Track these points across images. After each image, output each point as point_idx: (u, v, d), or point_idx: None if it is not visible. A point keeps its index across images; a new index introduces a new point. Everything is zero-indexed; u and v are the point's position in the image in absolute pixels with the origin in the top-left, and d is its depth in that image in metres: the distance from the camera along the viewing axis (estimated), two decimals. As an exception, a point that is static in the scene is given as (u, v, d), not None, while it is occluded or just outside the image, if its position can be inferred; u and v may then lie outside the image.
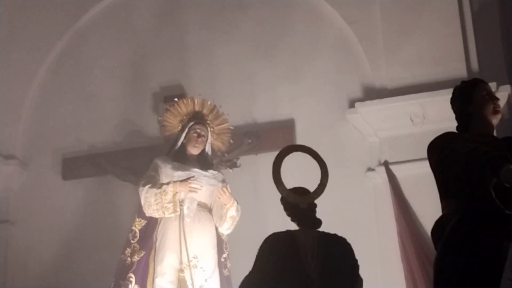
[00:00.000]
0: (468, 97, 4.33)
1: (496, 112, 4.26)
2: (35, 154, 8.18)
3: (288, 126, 7.54)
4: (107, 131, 8.04)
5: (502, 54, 7.30)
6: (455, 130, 4.35)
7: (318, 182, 4.82)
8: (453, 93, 4.50)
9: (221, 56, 7.96)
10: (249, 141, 7.47)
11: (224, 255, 6.70)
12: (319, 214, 5.26)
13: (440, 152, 4.04)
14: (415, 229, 6.62)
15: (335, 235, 4.63)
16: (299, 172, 5.70)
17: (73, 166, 7.93)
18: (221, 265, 6.63)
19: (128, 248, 6.63)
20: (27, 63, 8.35)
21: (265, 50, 7.85)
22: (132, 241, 6.64)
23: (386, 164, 7.00)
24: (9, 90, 8.29)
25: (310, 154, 4.93)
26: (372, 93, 7.26)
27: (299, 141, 7.46)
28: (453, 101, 4.49)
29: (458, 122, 4.40)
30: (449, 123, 6.59)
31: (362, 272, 6.78)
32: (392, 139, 7.06)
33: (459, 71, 7.01)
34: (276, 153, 7.30)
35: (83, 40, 8.47)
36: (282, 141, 7.42)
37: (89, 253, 7.63)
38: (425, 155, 4.40)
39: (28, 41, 8.42)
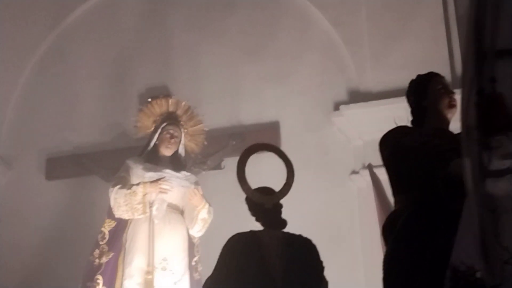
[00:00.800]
0: (423, 90, 4.29)
1: (451, 106, 4.19)
2: (19, 154, 8.16)
3: (273, 128, 7.54)
4: (92, 132, 8.02)
5: (487, 59, 7.33)
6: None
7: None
8: (409, 87, 4.46)
9: (207, 57, 7.96)
10: (234, 142, 7.47)
11: (195, 258, 6.61)
12: (302, 215, 5.29)
13: (391, 146, 4.02)
14: (398, 233, 6.63)
15: (300, 236, 4.59)
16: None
17: (57, 166, 7.92)
18: (192, 268, 6.55)
19: (96, 249, 6.56)
20: (12, 63, 8.33)
21: (251, 52, 7.85)
22: (101, 243, 6.56)
23: (370, 167, 7.00)
24: (-6, 89, 8.27)
25: (276, 153, 4.88)
26: (357, 96, 7.28)
27: (284, 143, 7.46)
28: (409, 95, 4.44)
29: (413, 116, 4.35)
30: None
31: (345, 275, 6.85)
32: (376, 142, 6.94)
33: (443, 74, 7.00)
34: (261, 155, 7.40)
35: (68, 41, 8.45)
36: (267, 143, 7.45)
37: (72, 253, 7.59)
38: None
39: (13, 41, 8.39)
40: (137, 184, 6.46)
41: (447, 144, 3.64)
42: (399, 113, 6.90)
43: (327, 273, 6.81)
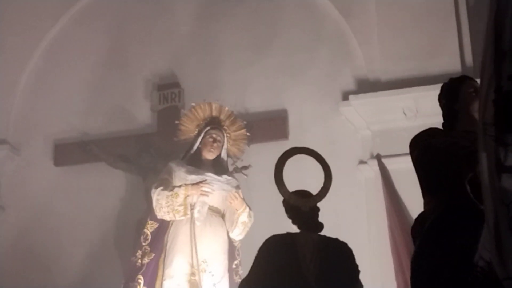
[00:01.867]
0: (455, 94, 4.27)
1: None
2: (27, 140, 8.17)
3: (281, 117, 7.54)
4: (99, 118, 8.04)
5: (496, 49, 7.30)
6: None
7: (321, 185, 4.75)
8: (441, 90, 4.42)
9: (215, 45, 7.95)
10: (242, 131, 7.46)
11: (236, 262, 6.60)
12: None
13: (420, 148, 3.99)
14: (405, 223, 6.61)
15: (336, 239, 4.59)
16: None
17: (65, 152, 7.93)
18: (232, 272, 6.53)
19: (139, 251, 6.53)
20: (20, 49, 8.34)
21: (259, 41, 7.84)
22: (143, 244, 6.54)
23: (378, 157, 7.00)
24: (2, 75, 8.28)
25: (314, 157, 4.87)
26: (366, 86, 7.26)
27: (292, 132, 7.47)
28: (440, 98, 4.41)
29: (444, 119, 4.31)
30: (441, 118, 6.65)
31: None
32: (384, 133, 7.06)
33: (453, 65, 7.01)
34: (269, 144, 7.41)
35: (75, 28, 8.45)
36: (275, 132, 7.46)
37: (78, 239, 7.64)
38: (418, 149, 4.41)
39: (21, 27, 8.40)
40: (179, 186, 6.45)
41: (476, 146, 3.64)
42: (407, 104, 6.96)
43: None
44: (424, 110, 6.88)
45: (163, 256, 6.38)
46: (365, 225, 6.99)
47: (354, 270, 4.52)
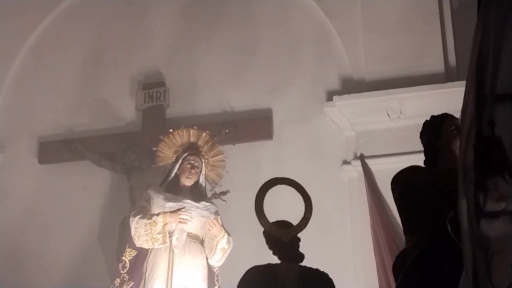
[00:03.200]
0: (437, 131, 4.26)
1: None
2: (12, 137, 8.17)
3: (266, 117, 7.56)
4: (84, 116, 8.04)
5: (480, 51, 7.34)
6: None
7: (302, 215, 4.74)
8: (423, 127, 4.42)
9: (201, 45, 7.97)
10: (227, 131, 7.47)
11: None
12: (293, 205, 5.27)
13: (402, 185, 4.00)
14: (388, 223, 6.65)
15: (316, 270, 4.58)
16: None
17: (50, 150, 7.92)
18: None
19: (117, 279, 6.49)
20: (6, 46, 8.33)
21: (245, 40, 7.87)
22: (121, 272, 6.50)
23: (362, 157, 7.03)
24: (-13, 72, 8.27)
25: (295, 187, 4.85)
26: (350, 87, 7.29)
27: (277, 133, 7.49)
28: (422, 135, 4.40)
29: (425, 156, 4.30)
30: (424, 119, 6.68)
31: (334, 264, 6.87)
32: (368, 133, 7.09)
33: (437, 67, 7.05)
34: (253, 143, 7.43)
35: (62, 25, 8.45)
36: (260, 132, 7.48)
37: (63, 237, 7.63)
38: (401, 149, 4.46)
39: (8, 25, 8.39)
40: (157, 214, 6.43)
41: (456, 184, 3.64)
42: (391, 105, 7.00)
43: (315, 261, 6.89)
44: (408, 112, 6.93)
45: (142, 285, 6.36)
46: (349, 225, 7.02)
47: None
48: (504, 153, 2.70)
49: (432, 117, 4.42)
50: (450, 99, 6.29)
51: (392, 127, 6.98)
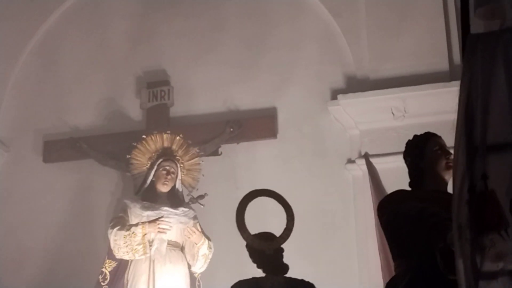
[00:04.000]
0: (420, 152, 4.23)
1: (448, 167, 4.11)
2: (16, 136, 8.15)
3: (270, 115, 7.54)
4: (89, 115, 8.03)
5: (482, 31, 7.31)
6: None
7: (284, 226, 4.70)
8: (406, 148, 4.38)
9: (205, 43, 7.95)
10: (231, 129, 7.45)
11: None
12: (298, 203, 5.23)
13: (389, 213, 3.98)
14: (392, 222, 6.63)
15: (302, 280, 4.52)
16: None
17: (54, 149, 7.91)
18: None
19: None
20: (10, 45, 8.32)
21: (249, 39, 7.85)
22: (102, 283, 6.51)
23: (366, 156, 7.02)
24: (-8, 71, 8.28)
25: (275, 198, 4.77)
26: (355, 85, 7.28)
27: (281, 131, 7.48)
28: (405, 156, 4.37)
29: (410, 178, 4.28)
30: (429, 118, 6.70)
31: (338, 262, 6.87)
32: (373, 132, 7.08)
33: (441, 65, 7.04)
34: (257, 142, 7.43)
35: (66, 24, 8.44)
36: (264, 130, 7.47)
37: (67, 236, 7.63)
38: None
39: (12, 24, 8.38)
40: (136, 225, 6.41)
41: (445, 212, 3.51)
42: (395, 103, 7.00)
43: (320, 260, 6.89)
44: (412, 110, 6.92)
45: None
46: (353, 224, 7.00)
47: None
48: (499, 207, 2.62)
49: (415, 137, 4.38)
50: (455, 97, 6.24)
51: (397, 126, 6.97)
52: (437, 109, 6.72)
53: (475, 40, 2.72)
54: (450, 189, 3.61)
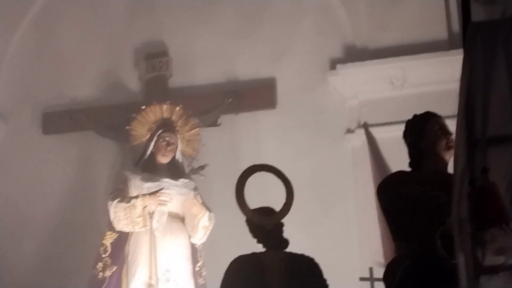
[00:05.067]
0: (420, 132, 4.20)
1: (449, 147, 4.10)
2: (15, 108, 8.16)
3: (269, 86, 7.53)
4: (88, 87, 8.02)
5: (483, 19, 7.29)
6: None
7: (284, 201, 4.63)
8: (405, 128, 4.35)
9: (204, 14, 7.92)
10: (230, 100, 7.44)
11: (199, 264, 6.61)
12: (297, 174, 5.25)
13: (389, 196, 3.97)
14: (392, 191, 6.63)
15: (302, 255, 4.53)
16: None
17: (53, 121, 7.91)
18: (196, 274, 6.54)
19: (99, 263, 6.48)
20: (8, 17, 8.28)
21: (248, 10, 7.80)
22: (103, 256, 6.49)
23: (365, 126, 7.02)
24: (-10, 44, 8.25)
25: (274, 173, 4.76)
26: (353, 55, 7.26)
27: (280, 102, 7.47)
28: (405, 136, 4.34)
29: (410, 158, 4.26)
30: (428, 87, 6.70)
31: (338, 233, 6.90)
32: (372, 102, 7.08)
33: (440, 34, 7.01)
34: (256, 113, 7.42)
35: (63, -3, 8.40)
36: (263, 101, 7.46)
37: (67, 207, 7.66)
38: (404, 117, 4.40)
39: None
40: (136, 197, 6.37)
41: (445, 195, 3.49)
42: (394, 73, 6.98)
43: (320, 231, 6.92)
44: (411, 80, 6.92)
45: (125, 269, 6.34)
46: (352, 193, 7.02)
47: (322, 286, 4.48)
48: (500, 201, 2.61)
49: (415, 116, 4.34)
50: (454, 66, 6.16)
51: (396, 95, 6.97)
52: (436, 78, 6.71)
53: (475, 29, 2.69)
54: (450, 169, 3.64)
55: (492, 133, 2.62)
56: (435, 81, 6.69)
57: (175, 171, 6.73)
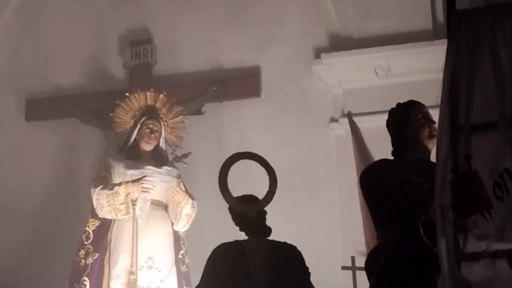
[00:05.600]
0: (404, 120, 4.19)
1: (432, 136, 4.09)
2: (-2, 95, 8.13)
3: (253, 74, 7.52)
4: (72, 73, 8.00)
5: (468, 7, 7.30)
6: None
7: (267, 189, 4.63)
8: (389, 116, 4.34)
9: (189, 2, 7.90)
10: (214, 88, 7.43)
11: (182, 251, 6.60)
12: (281, 162, 5.26)
13: (371, 184, 3.97)
14: (375, 180, 6.65)
15: (284, 243, 4.54)
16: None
17: (37, 108, 7.89)
18: (178, 262, 6.53)
19: (81, 250, 6.46)
20: (-9, 3, 8.24)
21: (233, -1, 7.80)
22: (85, 242, 6.46)
23: (349, 115, 7.02)
24: (-27, 30, 8.20)
25: (258, 161, 4.76)
26: (338, 44, 7.26)
27: (264, 90, 7.48)
28: (388, 124, 4.33)
29: (393, 146, 4.25)
30: (413, 77, 6.72)
31: (321, 221, 6.91)
32: (356, 91, 7.08)
33: (425, 23, 7.02)
34: (241, 101, 7.42)
35: (49, -18, 8.36)
36: (248, 90, 7.46)
37: (50, 194, 7.65)
38: (388, 107, 4.40)
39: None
40: (119, 184, 6.35)
41: (428, 183, 3.53)
42: (379, 62, 6.99)
43: (303, 220, 6.93)
44: (395, 69, 6.93)
45: (107, 256, 6.32)
46: (335, 182, 7.04)
47: (304, 273, 4.48)
48: (482, 188, 2.62)
49: (398, 105, 4.33)
50: (438, 56, 6.19)
51: (380, 85, 6.98)
52: (420, 68, 6.73)
53: (460, 17, 2.69)
54: (433, 158, 3.60)
55: (475, 120, 2.63)
56: (420, 71, 6.71)
57: (158, 158, 6.72)
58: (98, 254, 6.39)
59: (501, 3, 2.69)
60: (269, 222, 4.59)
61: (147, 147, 6.68)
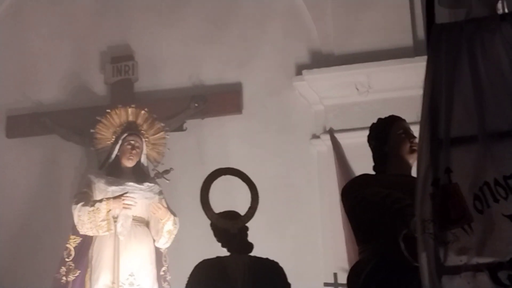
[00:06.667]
0: (385, 135, 4.22)
1: (412, 151, 4.11)
2: (-22, 111, 8.08)
3: (235, 91, 7.53)
4: (53, 90, 7.97)
5: (447, 21, 7.33)
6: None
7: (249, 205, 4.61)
8: (370, 131, 4.37)
9: (170, 18, 7.90)
10: (196, 105, 7.43)
11: (164, 268, 6.59)
12: (263, 179, 5.25)
13: (353, 199, 3.97)
14: (357, 197, 6.66)
15: (266, 259, 4.53)
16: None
17: (17, 125, 7.86)
18: (160, 279, 6.52)
19: (63, 267, 6.45)
20: (-29, 18, 8.21)
21: (214, 14, 7.81)
22: (66, 260, 6.46)
23: (331, 131, 7.04)
24: (-47, 45, 8.16)
25: (240, 177, 4.75)
26: (319, 60, 7.28)
27: (246, 106, 7.48)
28: (370, 140, 4.35)
29: (374, 161, 4.27)
30: (393, 93, 6.75)
31: (303, 237, 6.91)
32: (337, 107, 7.10)
33: (405, 40, 7.06)
34: (222, 118, 7.42)
35: (28, -2, 8.34)
36: (229, 106, 7.47)
37: (31, 211, 7.60)
38: (369, 123, 4.42)
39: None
40: (100, 201, 6.34)
41: (408, 198, 3.52)
42: (360, 79, 7.02)
43: (285, 236, 6.93)
44: (376, 86, 6.95)
45: (89, 273, 6.31)
46: (317, 199, 7.04)
47: None
48: (462, 202, 2.62)
49: (379, 120, 4.36)
50: (419, 73, 6.20)
51: (361, 101, 7.00)
52: (401, 84, 6.76)
53: (439, 30, 2.71)
54: (414, 173, 3.62)
55: (455, 133, 2.64)
56: (400, 88, 6.74)
57: (140, 175, 6.71)
58: (79, 271, 6.38)
59: (480, 17, 2.71)
60: (251, 238, 4.58)
61: (129, 163, 6.66)
